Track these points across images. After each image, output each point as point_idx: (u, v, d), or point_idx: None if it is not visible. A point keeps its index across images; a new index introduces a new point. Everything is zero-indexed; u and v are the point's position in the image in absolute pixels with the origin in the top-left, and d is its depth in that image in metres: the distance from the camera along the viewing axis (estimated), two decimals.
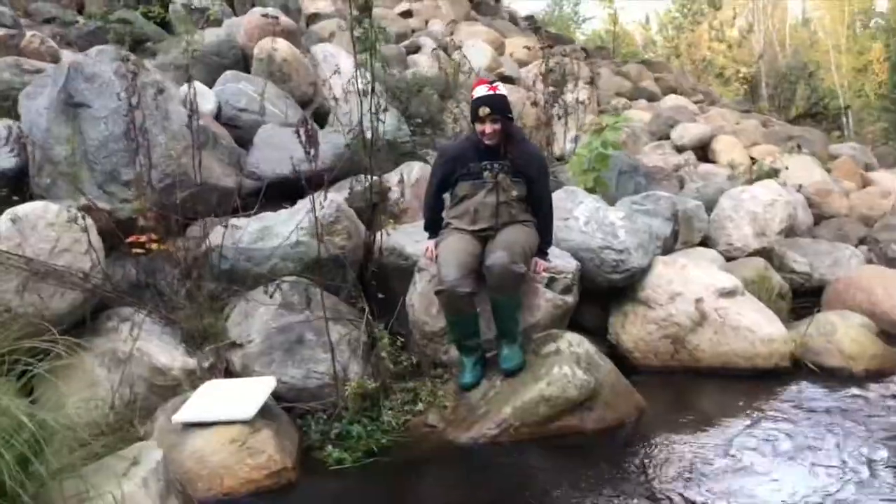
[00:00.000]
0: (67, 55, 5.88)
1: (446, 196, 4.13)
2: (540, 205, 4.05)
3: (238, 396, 3.26)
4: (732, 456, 3.22)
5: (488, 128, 3.78)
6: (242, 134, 5.66)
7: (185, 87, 4.67)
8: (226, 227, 3.99)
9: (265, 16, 7.00)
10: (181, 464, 2.98)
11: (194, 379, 3.60)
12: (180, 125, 4.75)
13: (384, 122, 4.57)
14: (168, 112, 4.80)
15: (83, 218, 3.60)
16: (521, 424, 3.46)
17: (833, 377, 4.28)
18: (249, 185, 5.12)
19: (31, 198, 4.78)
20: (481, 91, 3.86)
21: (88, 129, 4.64)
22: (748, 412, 3.78)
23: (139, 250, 4.10)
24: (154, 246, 4.13)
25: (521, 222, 3.93)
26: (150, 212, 4.14)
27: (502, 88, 3.92)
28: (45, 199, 4.67)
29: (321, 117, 6.46)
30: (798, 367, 4.44)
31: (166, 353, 3.63)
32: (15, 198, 4.61)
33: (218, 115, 5.77)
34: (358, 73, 4.43)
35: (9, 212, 3.52)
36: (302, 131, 3.45)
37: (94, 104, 4.62)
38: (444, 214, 4.07)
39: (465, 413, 3.60)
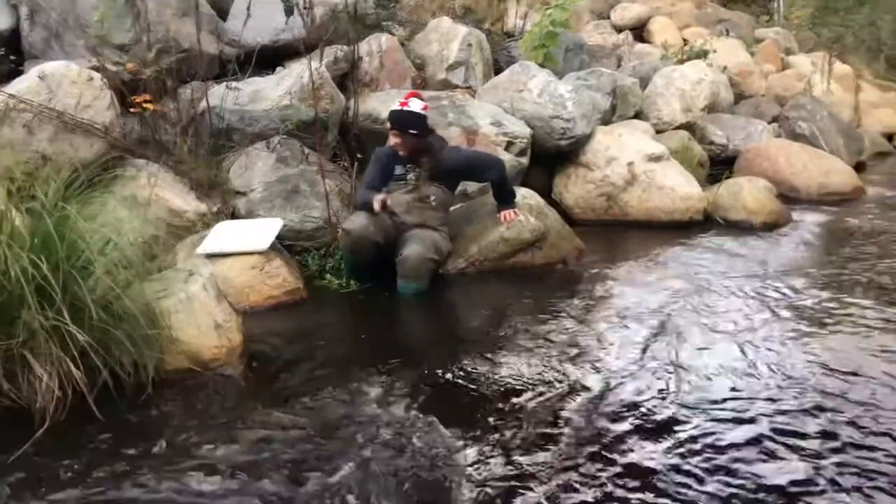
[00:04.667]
0: None
1: None
2: (496, 184, 4.29)
3: (251, 233, 3.88)
4: (651, 282, 4.05)
5: (392, 139, 4.09)
6: (216, 2, 5.95)
7: None
8: (229, 88, 4.45)
9: None
10: None
11: (206, 221, 4.18)
12: None
13: None
14: None
15: (101, 78, 4.02)
16: (485, 259, 4.23)
17: (736, 228, 5.19)
18: (229, 53, 5.50)
19: (24, 57, 5.11)
20: (394, 105, 4.15)
21: None
22: (665, 251, 4.65)
23: (135, 110, 4.55)
24: (149, 106, 4.59)
25: (432, 228, 4.11)
26: (147, 74, 4.57)
27: (415, 104, 4.06)
28: (39, 59, 5.02)
29: None
30: (709, 221, 5.34)
31: (180, 198, 4.18)
32: (12, 57, 4.94)
33: None
34: None
35: (36, 68, 3.91)
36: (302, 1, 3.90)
37: None
38: None
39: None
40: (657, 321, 3.35)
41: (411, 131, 4.05)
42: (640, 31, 11.12)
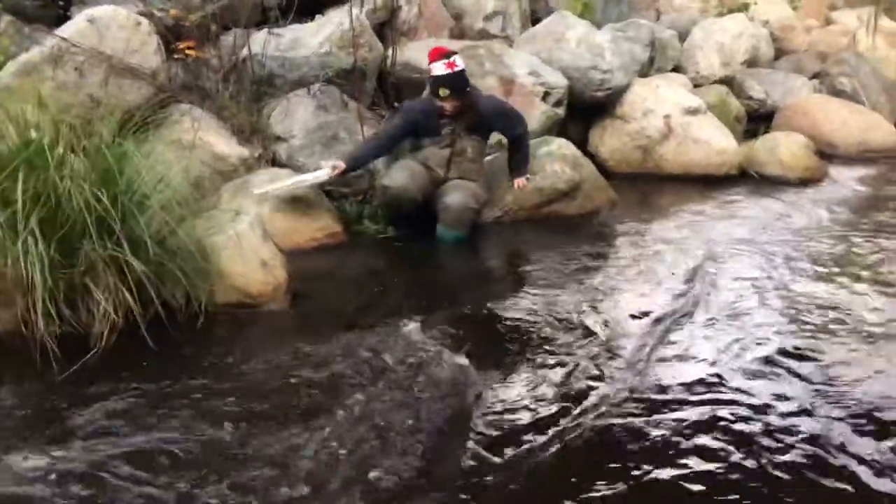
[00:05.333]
0: None
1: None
2: (517, 143, 4.27)
3: (302, 177, 3.95)
4: (680, 237, 4.08)
5: (448, 105, 4.00)
6: None
7: None
8: (271, 34, 4.52)
9: None
10: None
11: (248, 165, 4.29)
12: None
13: None
14: None
15: (150, 23, 4.11)
16: (520, 209, 4.30)
17: (771, 183, 5.18)
18: (270, 0, 5.55)
19: (71, 2, 5.21)
20: (440, 70, 3.98)
21: None
22: (697, 205, 4.67)
23: (178, 56, 4.64)
24: (192, 53, 4.68)
25: (470, 180, 4.13)
26: (191, 20, 4.64)
27: (459, 61, 4.03)
28: (86, 4, 5.11)
29: None
30: (744, 176, 5.33)
31: (223, 142, 4.29)
32: (60, 2, 5.04)
33: None
34: None
35: (86, 12, 4.02)
36: None
37: None
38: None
39: None
40: (682, 276, 3.41)
41: (467, 90, 4.07)
42: None
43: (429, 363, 2.47)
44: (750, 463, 1.98)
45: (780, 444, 2.06)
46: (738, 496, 1.85)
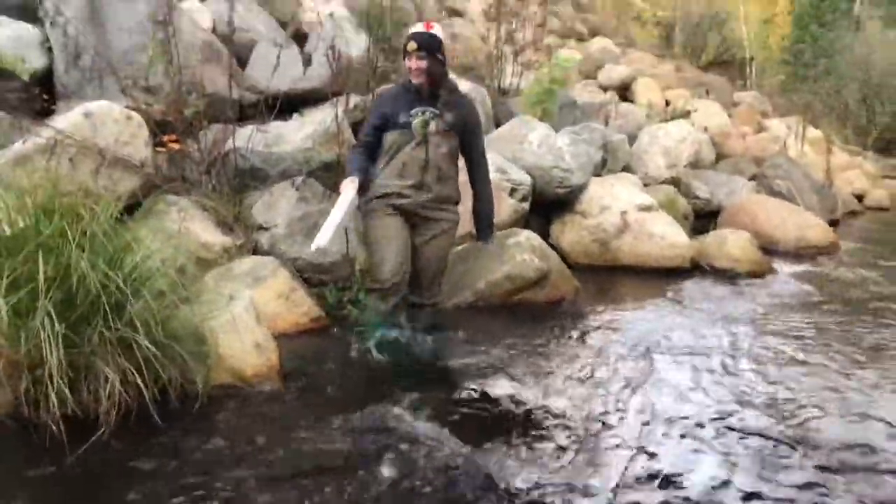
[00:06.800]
0: None
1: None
2: (477, 169, 3.97)
3: (336, 212, 3.61)
4: (644, 319, 4.37)
5: (414, 63, 3.67)
6: (234, 50, 6.32)
7: (187, 3, 5.32)
8: (259, 130, 4.77)
9: None
10: None
11: (230, 254, 4.43)
12: (191, 39, 5.43)
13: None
14: (180, 26, 5.43)
15: (141, 117, 4.32)
16: (492, 295, 4.53)
17: (722, 275, 5.55)
18: (249, 98, 5.84)
19: (57, 97, 5.40)
20: (414, 28, 3.82)
21: (113, 38, 5.25)
22: (656, 294, 4.98)
23: (160, 149, 4.84)
24: (174, 146, 4.89)
25: (452, 206, 3.89)
26: (177, 115, 4.87)
27: (438, 30, 3.80)
28: (71, 99, 5.31)
29: (299, 39, 7.13)
30: (696, 268, 5.70)
31: (208, 231, 4.43)
32: (45, 96, 5.23)
33: (213, 32, 6.38)
34: None
35: (82, 107, 4.20)
36: (330, 54, 4.25)
37: (120, 15, 5.23)
38: (373, 173, 3.84)
39: (449, 286, 4.61)
40: (645, 358, 3.66)
41: (439, 56, 3.72)
42: (624, 91, 11.72)
43: (423, 446, 2.61)
44: None
45: None
46: None
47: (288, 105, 5.82)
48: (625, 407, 3.03)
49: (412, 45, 3.67)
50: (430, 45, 3.69)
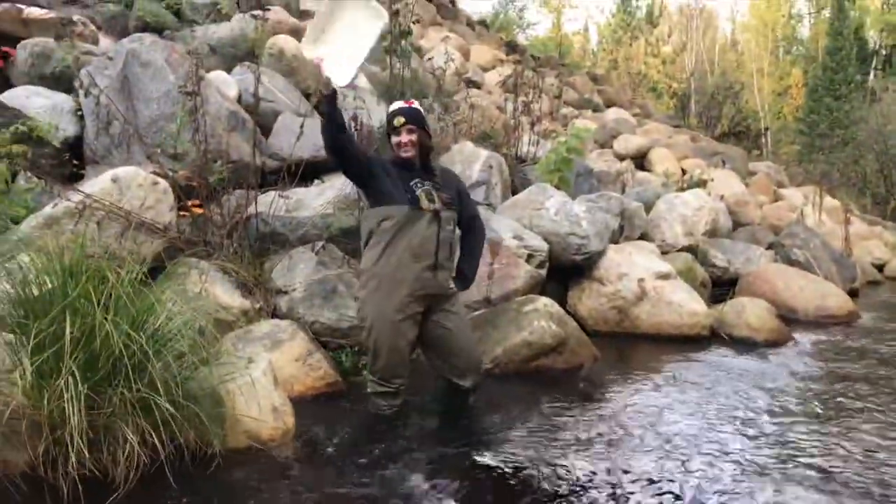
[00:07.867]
0: (104, 40, 6.61)
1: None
2: (472, 225, 3.97)
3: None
4: (661, 391, 4.32)
5: (404, 137, 3.67)
6: (258, 119, 6.51)
7: (214, 73, 5.52)
8: (281, 196, 4.87)
9: (254, 16, 7.68)
10: None
11: (249, 317, 4.48)
12: (217, 109, 5.61)
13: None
14: (207, 96, 5.63)
15: (167, 183, 4.44)
16: (509, 361, 4.51)
17: (741, 344, 5.49)
18: (271, 165, 5.99)
19: (86, 162, 5.57)
20: (396, 104, 3.80)
21: (142, 108, 5.45)
22: (675, 364, 4.92)
23: (184, 213, 4.95)
24: (197, 210, 5.00)
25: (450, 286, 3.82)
26: (201, 180, 5.00)
27: (417, 105, 3.85)
28: (99, 164, 5.48)
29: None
30: (714, 336, 5.66)
31: (228, 294, 4.50)
32: (75, 161, 5.40)
33: (238, 101, 6.60)
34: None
35: (110, 173, 4.34)
36: (352, 125, 4.37)
37: (148, 87, 5.43)
38: (369, 257, 3.72)
39: None
40: (667, 430, 3.60)
41: (426, 128, 3.78)
42: (640, 160, 11.86)
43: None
44: None
45: None
46: None
47: (310, 172, 5.97)
48: (642, 477, 2.98)
49: (399, 120, 3.67)
50: (417, 119, 3.72)
